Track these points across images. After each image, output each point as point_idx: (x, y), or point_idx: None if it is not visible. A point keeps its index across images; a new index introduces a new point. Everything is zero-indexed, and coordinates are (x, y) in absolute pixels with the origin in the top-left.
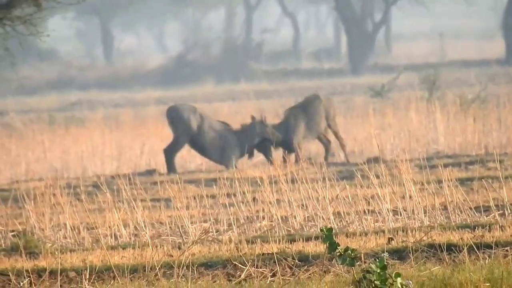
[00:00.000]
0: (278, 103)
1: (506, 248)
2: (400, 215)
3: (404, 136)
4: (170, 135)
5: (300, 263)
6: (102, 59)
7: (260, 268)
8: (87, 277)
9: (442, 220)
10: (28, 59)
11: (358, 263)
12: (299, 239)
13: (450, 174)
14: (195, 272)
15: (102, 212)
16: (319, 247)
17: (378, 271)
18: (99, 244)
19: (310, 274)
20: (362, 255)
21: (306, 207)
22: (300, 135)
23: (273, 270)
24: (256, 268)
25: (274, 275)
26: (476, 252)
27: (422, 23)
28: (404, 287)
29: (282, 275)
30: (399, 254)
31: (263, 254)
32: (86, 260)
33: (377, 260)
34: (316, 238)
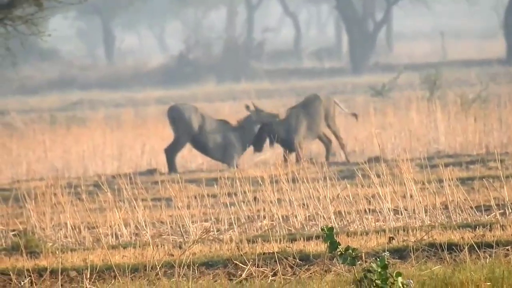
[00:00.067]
0: (279, 102)
1: (507, 247)
2: (401, 214)
3: (405, 135)
4: (171, 134)
5: (301, 262)
6: (103, 59)
7: (261, 267)
8: (88, 276)
9: (443, 219)
10: (29, 59)
11: (359, 262)
12: (300, 239)
13: (451, 174)
14: (196, 271)
15: (103, 212)
16: (320, 247)
17: (379, 270)
18: (100, 244)
19: (311, 274)
20: (363, 254)
21: (307, 206)
22: (301, 135)
23: (274, 270)
24: (257, 267)
25: (275, 275)
26: (477, 251)
27: (423, 22)
28: (405, 286)
29: (283, 275)
30: (400, 254)
31: (264, 254)
32: (87, 259)
33: (378, 259)
34: (317, 237)
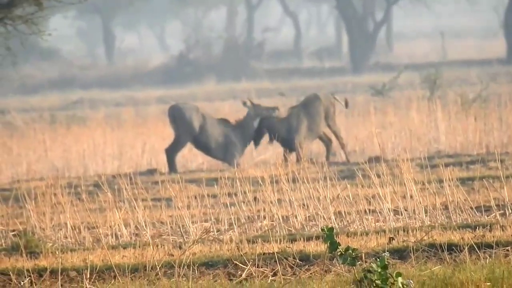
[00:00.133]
0: (279, 102)
1: (507, 247)
2: (401, 214)
3: (405, 135)
4: (171, 134)
5: (301, 262)
6: (104, 58)
7: (261, 267)
8: (88, 276)
9: (443, 219)
10: (29, 58)
11: (359, 262)
12: (300, 239)
13: (451, 174)
14: (196, 271)
15: (103, 212)
16: (320, 247)
17: (379, 270)
18: (99, 244)
19: (311, 274)
20: (363, 254)
21: (307, 206)
22: (302, 135)
23: (274, 270)
24: (257, 267)
25: (275, 275)
26: (477, 251)
27: (424, 22)
28: (405, 286)
29: (283, 275)
30: (400, 254)
31: (264, 254)
32: (87, 259)
33: (378, 259)
34: (317, 237)
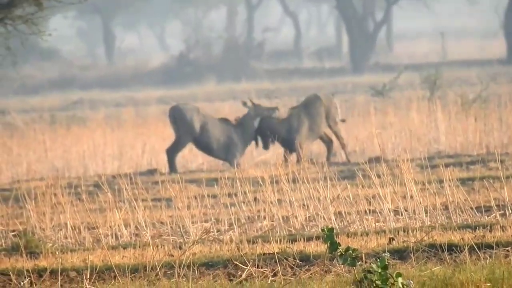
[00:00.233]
0: (280, 102)
1: (507, 248)
2: (401, 215)
3: (405, 135)
4: (171, 134)
5: (301, 263)
6: (104, 59)
7: (261, 268)
8: (88, 277)
9: (443, 220)
10: (29, 59)
11: (359, 263)
12: (300, 239)
13: (451, 174)
14: (196, 272)
15: (103, 212)
16: (320, 247)
17: (379, 271)
18: (100, 244)
19: (311, 274)
20: (363, 255)
21: (307, 207)
22: (303, 135)
23: (274, 270)
24: (257, 268)
25: (275, 275)
26: (477, 252)
27: (424, 22)
28: (405, 287)
29: (283, 275)
30: (400, 254)
31: (264, 254)
32: (86, 260)
33: (378, 260)
34: (317, 238)
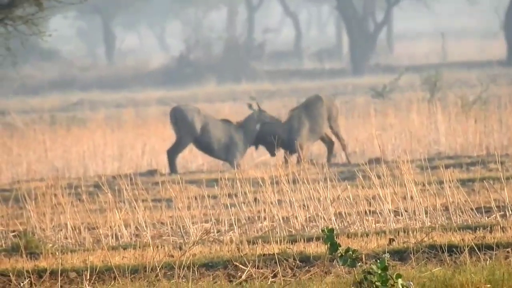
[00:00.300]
0: (280, 103)
1: (507, 249)
2: (401, 216)
3: (405, 136)
4: (171, 135)
5: (301, 264)
6: (104, 59)
7: (261, 268)
8: (88, 277)
9: (443, 221)
10: (29, 59)
11: (359, 264)
12: (300, 240)
13: (451, 175)
14: (196, 272)
15: (103, 212)
16: (320, 248)
17: (379, 272)
18: (100, 245)
19: (311, 275)
20: (363, 256)
21: (308, 207)
22: (304, 137)
23: (274, 271)
24: (257, 268)
25: (275, 276)
26: (477, 253)
27: (424, 23)
28: None
29: (283, 276)
30: (400, 255)
31: (264, 255)
32: (86, 260)
33: (378, 261)
34: (317, 238)
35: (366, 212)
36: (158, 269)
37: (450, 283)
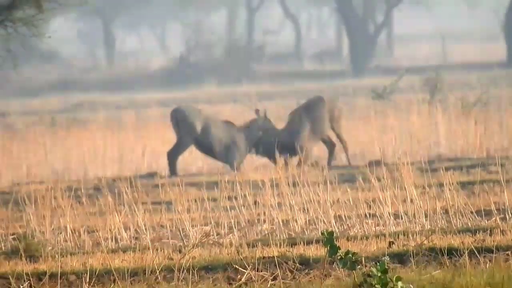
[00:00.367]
0: (280, 105)
1: (507, 252)
2: (401, 218)
3: (405, 138)
4: (172, 137)
5: (301, 266)
6: (104, 60)
7: (261, 271)
8: (87, 280)
9: (443, 224)
10: (30, 61)
11: (359, 266)
12: (300, 243)
13: (452, 178)
14: (196, 275)
15: (102, 215)
16: (320, 251)
17: (379, 275)
18: (99, 247)
19: (311, 278)
20: (363, 258)
21: (307, 210)
22: (305, 139)
23: (273, 274)
24: (257, 271)
25: (274, 279)
26: (477, 256)
27: (424, 25)
28: None
29: (283, 279)
30: (400, 258)
31: (264, 258)
32: (86, 263)
33: (378, 263)
34: (317, 241)
35: (366, 215)
36: (158, 272)
37: (450, 286)
